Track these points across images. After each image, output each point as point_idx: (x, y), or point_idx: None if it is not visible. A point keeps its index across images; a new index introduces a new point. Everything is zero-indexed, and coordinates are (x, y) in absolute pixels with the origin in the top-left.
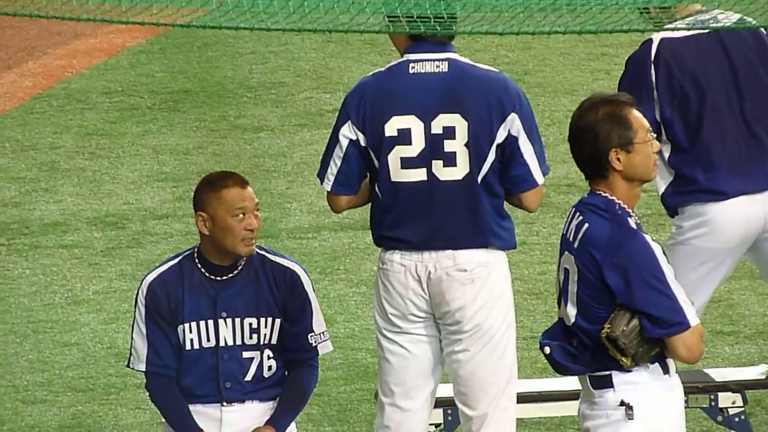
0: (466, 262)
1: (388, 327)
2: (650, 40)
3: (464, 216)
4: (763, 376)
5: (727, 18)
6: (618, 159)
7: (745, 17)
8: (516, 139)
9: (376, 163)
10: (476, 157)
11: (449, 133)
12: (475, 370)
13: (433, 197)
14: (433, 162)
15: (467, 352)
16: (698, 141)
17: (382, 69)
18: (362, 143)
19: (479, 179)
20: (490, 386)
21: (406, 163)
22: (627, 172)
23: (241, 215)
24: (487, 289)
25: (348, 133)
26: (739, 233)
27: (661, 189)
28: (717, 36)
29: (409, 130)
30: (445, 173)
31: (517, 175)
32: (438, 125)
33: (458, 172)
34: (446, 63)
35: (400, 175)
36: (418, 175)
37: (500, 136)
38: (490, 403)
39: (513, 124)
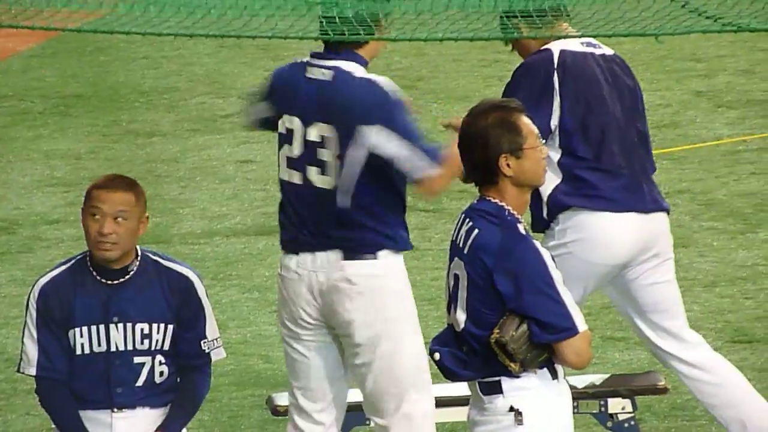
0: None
1: None
2: (549, 50)
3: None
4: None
5: (600, 47)
6: (508, 165)
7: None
8: (384, 145)
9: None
10: (348, 168)
11: (323, 142)
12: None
13: (308, 201)
14: (308, 167)
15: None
16: (601, 152)
17: (296, 61)
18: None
19: (352, 188)
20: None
21: (289, 164)
22: (517, 178)
23: (97, 216)
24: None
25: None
26: (624, 251)
27: (549, 190)
28: (606, 60)
29: (293, 131)
30: (318, 180)
31: (400, 172)
32: (313, 133)
33: (330, 181)
34: (331, 72)
35: (285, 173)
36: (297, 177)
37: (368, 146)
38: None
39: (379, 134)
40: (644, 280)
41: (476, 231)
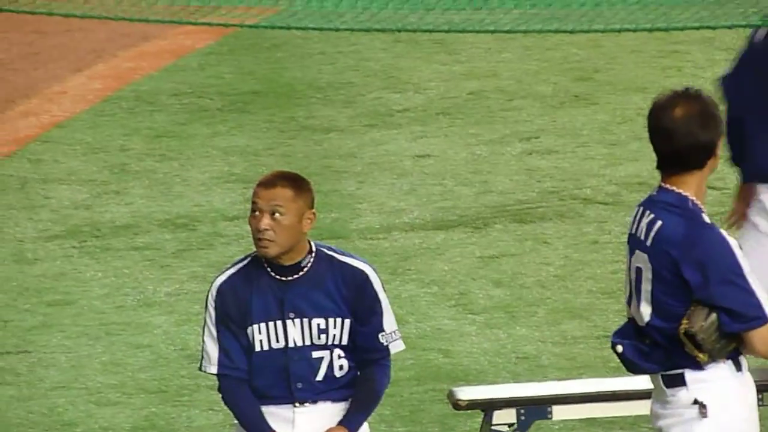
0: None
1: None
2: None
3: None
4: None
5: None
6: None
7: None
8: None
9: None
10: None
11: None
12: None
13: None
14: None
15: None
16: None
17: None
18: None
19: None
20: None
21: None
22: (713, 164)
23: (256, 213)
24: None
25: None
26: None
27: None
28: None
29: None
30: None
31: None
32: None
33: None
34: None
35: None
36: None
37: None
38: None
39: None
40: None
41: (659, 223)
